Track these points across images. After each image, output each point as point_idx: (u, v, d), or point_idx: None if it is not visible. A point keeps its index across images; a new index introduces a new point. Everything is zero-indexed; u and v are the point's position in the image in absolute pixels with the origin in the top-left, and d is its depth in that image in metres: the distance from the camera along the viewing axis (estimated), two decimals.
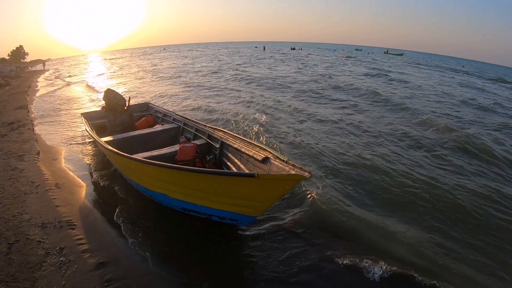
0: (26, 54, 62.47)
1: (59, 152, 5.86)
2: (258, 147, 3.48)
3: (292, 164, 2.77)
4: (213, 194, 2.86)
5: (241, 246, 3.13)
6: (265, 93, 11.90)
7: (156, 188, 3.42)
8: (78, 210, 3.75)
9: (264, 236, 3.23)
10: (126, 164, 3.80)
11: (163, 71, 22.81)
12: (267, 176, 2.53)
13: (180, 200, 3.20)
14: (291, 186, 2.56)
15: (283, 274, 2.75)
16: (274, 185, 2.51)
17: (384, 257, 2.89)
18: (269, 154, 3.20)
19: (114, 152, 3.75)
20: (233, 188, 2.69)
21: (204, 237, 3.25)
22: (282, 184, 2.49)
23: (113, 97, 6.59)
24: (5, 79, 20.38)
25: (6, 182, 4.37)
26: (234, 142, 4.00)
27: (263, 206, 2.75)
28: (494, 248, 3.19)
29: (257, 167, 3.31)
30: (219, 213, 2.98)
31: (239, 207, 2.80)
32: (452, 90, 14.72)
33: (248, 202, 2.71)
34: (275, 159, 3.07)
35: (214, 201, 2.91)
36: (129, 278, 2.67)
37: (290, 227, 3.38)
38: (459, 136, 6.57)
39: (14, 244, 3.02)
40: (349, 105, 9.94)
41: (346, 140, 6.35)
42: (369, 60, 36.19)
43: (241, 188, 2.64)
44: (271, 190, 2.55)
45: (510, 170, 5.18)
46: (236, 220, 2.96)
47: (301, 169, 2.60)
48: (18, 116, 8.84)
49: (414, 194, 4.11)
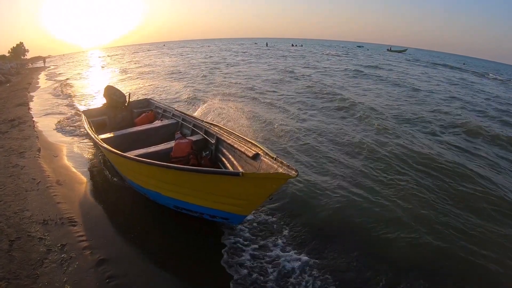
0: (26, 51, 62.36)
1: (60, 149, 5.86)
2: (250, 143, 3.45)
3: (280, 162, 2.72)
4: (202, 192, 2.85)
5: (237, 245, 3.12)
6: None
7: (149, 186, 3.43)
8: (79, 207, 3.75)
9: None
10: (120, 162, 3.81)
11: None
12: (252, 175, 2.47)
13: (172, 198, 3.19)
14: (278, 185, 2.49)
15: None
16: (260, 184, 2.46)
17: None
18: (260, 150, 3.17)
19: (108, 150, 3.75)
20: (219, 186, 2.67)
21: (204, 236, 3.24)
22: (268, 183, 2.44)
23: (112, 94, 6.57)
24: (6, 76, 20.35)
25: (7, 179, 4.37)
26: (228, 138, 3.98)
27: (251, 205, 2.72)
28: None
29: (248, 164, 3.29)
30: (210, 212, 2.97)
31: (228, 205, 2.77)
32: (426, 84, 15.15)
33: (236, 200, 2.68)
34: (265, 155, 3.03)
35: (203, 199, 2.90)
36: (129, 275, 2.68)
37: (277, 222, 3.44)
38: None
39: (16, 241, 3.02)
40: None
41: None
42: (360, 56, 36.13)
43: (227, 186, 2.62)
44: (257, 189, 2.51)
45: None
46: (227, 218, 2.94)
47: (289, 167, 2.55)
48: (18, 113, 8.83)
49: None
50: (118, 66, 26.85)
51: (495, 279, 2.79)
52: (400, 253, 3.03)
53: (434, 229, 3.40)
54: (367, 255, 2.98)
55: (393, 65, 25.71)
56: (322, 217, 3.59)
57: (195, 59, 29.71)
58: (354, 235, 3.28)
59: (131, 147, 4.31)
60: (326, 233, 3.30)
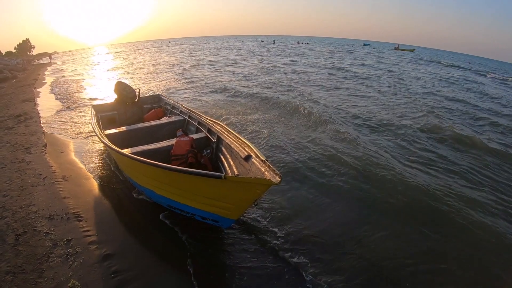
0: (32, 47, 62.88)
1: (66, 145, 5.89)
2: (245, 143, 3.42)
3: (268, 166, 2.67)
4: (191, 193, 2.83)
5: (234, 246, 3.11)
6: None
7: (144, 183, 3.44)
8: (85, 202, 3.76)
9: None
10: (118, 158, 3.82)
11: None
12: (234, 179, 2.41)
13: (165, 197, 3.19)
14: (262, 191, 2.42)
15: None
16: (243, 188, 2.42)
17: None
18: (252, 151, 3.13)
19: (109, 146, 3.76)
20: (206, 188, 2.65)
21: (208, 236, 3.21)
22: (251, 188, 2.39)
23: (123, 89, 6.56)
24: (12, 72, 20.52)
25: (13, 174, 4.40)
26: (227, 137, 3.95)
27: (238, 209, 2.67)
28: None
29: (241, 165, 3.25)
30: (200, 213, 2.95)
31: (216, 208, 2.75)
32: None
33: (223, 203, 2.66)
34: (255, 157, 2.99)
35: (194, 201, 2.88)
36: (134, 270, 2.68)
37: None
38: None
39: (22, 236, 3.04)
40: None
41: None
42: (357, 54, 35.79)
43: (213, 189, 2.60)
44: (241, 193, 2.47)
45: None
46: (217, 221, 2.91)
47: (274, 172, 2.51)
48: (25, 109, 8.90)
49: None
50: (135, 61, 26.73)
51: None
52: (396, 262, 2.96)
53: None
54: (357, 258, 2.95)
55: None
56: (311, 221, 3.51)
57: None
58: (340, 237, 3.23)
59: (137, 143, 4.31)
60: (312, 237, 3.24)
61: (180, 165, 3.63)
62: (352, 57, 30.24)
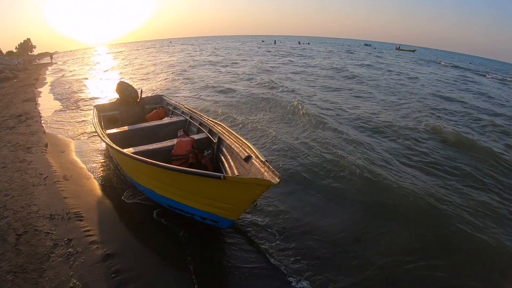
0: (33, 47, 63.04)
1: (67, 145, 5.90)
2: (245, 144, 3.41)
3: (267, 166, 2.67)
4: (191, 193, 2.83)
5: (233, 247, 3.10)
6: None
7: (144, 182, 3.44)
8: (85, 202, 3.77)
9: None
10: (119, 157, 3.82)
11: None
12: (234, 179, 2.41)
13: (165, 196, 3.19)
14: (261, 191, 2.42)
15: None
16: (243, 189, 2.42)
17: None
18: (252, 152, 3.13)
19: (109, 145, 3.77)
20: (205, 188, 2.65)
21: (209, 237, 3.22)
22: (251, 188, 2.39)
23: (125, 89, 6.56)
24: (13, 71, 20.56)
25: (14, 174, 4.42)
26: (228, 138, 3.94)
27: (237, 210, 2.67)
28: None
29: (241, 166, 3.25)
30: (200, 213, 2.95)
31: (215, 208, 2.75)
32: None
33: (223, 204, 2.66)
34: (255, 158, 2.98)
35: (193, 200, 2.89)
36: (135, 270, 2.69)
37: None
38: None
39: (23, 235, 3.05)
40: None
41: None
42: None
43: (212, 189, 2.60)
44: (240, 193, 2.47)
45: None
46: (216, 221, 2.91)
47: (273, 173, 2.50)
48: (26, 109, 8.92)
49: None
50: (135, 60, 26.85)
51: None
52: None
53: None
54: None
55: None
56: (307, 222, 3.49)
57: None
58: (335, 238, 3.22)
59: (138, 143, 4.32)
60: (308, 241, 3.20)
61: (181, 165, 3.63)
62: (352, 57, 30.22)
